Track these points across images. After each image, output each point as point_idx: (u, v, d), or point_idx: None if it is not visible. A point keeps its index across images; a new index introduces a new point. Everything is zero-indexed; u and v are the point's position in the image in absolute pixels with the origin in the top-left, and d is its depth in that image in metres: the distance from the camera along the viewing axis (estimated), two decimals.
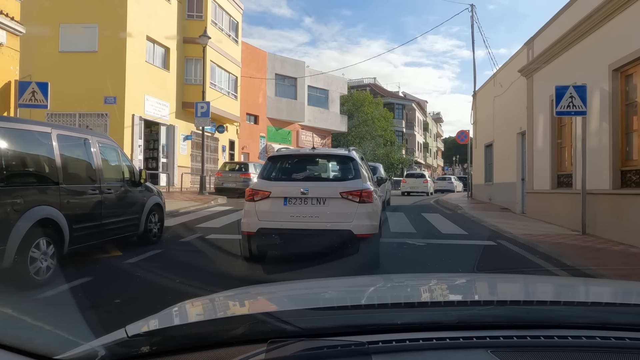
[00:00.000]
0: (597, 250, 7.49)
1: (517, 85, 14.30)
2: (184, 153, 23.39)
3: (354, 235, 5.67)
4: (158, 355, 1.07)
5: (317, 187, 5.96)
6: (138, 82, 19.43)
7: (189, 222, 10.66)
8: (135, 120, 19.26)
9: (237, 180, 19.30)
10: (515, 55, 14.81)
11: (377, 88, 55.95)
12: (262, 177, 6.25)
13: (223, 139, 27.90)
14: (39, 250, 4.94)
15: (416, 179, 28.89)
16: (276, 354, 0.99)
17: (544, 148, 11.98)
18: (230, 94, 27.05)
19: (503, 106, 16.13)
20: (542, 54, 11.92)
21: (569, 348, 1.05)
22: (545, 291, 1.85)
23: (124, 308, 4.34)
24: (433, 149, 76.34)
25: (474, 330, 1.12)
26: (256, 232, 5.85)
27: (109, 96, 18.61)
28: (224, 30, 26.05)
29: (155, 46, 21.20)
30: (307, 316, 1.25)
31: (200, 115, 17.86)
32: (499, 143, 16.95)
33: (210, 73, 24.17)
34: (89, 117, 18.79)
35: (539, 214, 12.22)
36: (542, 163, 12.12)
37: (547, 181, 11.74)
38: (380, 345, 1.03)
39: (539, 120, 12.35)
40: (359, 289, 1.88)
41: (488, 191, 18.55)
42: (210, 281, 5.04)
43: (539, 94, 12.35)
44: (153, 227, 7.80)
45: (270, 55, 33.28)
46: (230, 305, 1.63)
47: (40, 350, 1.10)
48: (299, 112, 34.80)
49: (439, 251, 7.68)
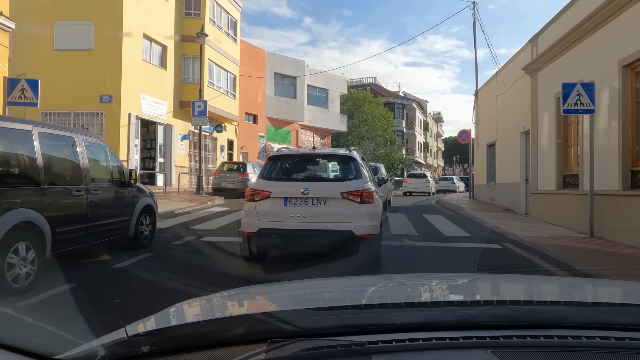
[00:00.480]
0: (608, 255, 7.18)
1: (521, 83, 13.99)
2: (181, 153, 23.08)
3: (354, 235, 5.59)
4: (158, 355, 1.07)
5: (318, 187, 5.87)
6: (134, 80, 19.12)
7: (184, 224, 10.36)
8: (131, 120, 18.96)
9: (235, 180, 18.99)
10: (518, 52, 14.50)
11: (377, 88, 55.62)
12: (262, 177, 6.18)
13: (221, 138, 27.60)
14: (17, 256, 4.63)
15: (418, 179, 29.07)
16: (276, 353, 0.99)
17: (549, 147, 11.67)
18: (229, 93, 26.74)
19: (506, 105, 15.82)
20: (547, 51, 11.60)
21: (568, 348, 1.04)
22: (545, 291, 1.84)
23: (110, 316, 4.03)
24: (433, 149, 76.04)
25: (473, 330, 1.11)
26: (256, 233, 5.78)
27: (104, 95, 18.31)
28: (223, 29, 25.74)
29: (153, 44, 20.90)
30: (307, 316, 1.24)
31: (198, 114, 17.54)
32: (502, 143, 16.64)
33: (209, 72, 23.88)
34: (84, 116, 18.49)
35: (543, 215, 11.91)
36: (547, 163, 11.81)
37: (552, 182, 11.43)
38: (380, 345, 1.03)
39: (544, 119, 12.04)
40: (359, 288, 1.88)
41: (490, 192, 18.23)
42: (203, 286, 4.73)
43: (544, 92, 12.04)
44: (144, 229, 7.49)
45: (269, 54, 32.97)
46: (230, 305, 1.62)
47: (40, 350, 1.09)
48: (298, 111, 34.48)
49: (442, 254, 7.36)
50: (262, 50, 32.60)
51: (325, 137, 38.96)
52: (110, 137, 18.20)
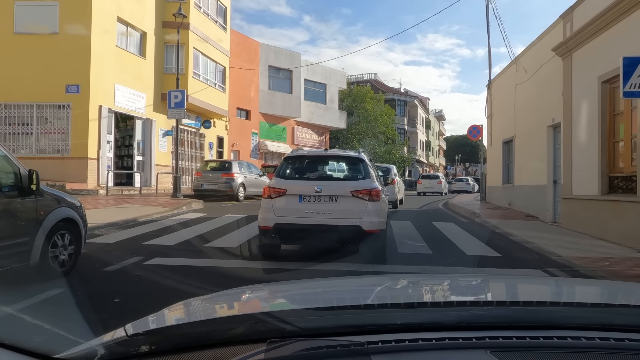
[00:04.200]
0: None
1: (548, 68, 11.91)
2: (163, 150, 20.97)
3: (363, 230, 6.03)
4: (157, 355, 1.06)
5: (330, 186, 6.35)
6: (107, 69, 17.02)
7: (136, 238, 8.28)
8: (102, 113, 16.86)
9: (219, 181, 16.87)
10: (545, 32, 12.36)
11: (378, 84, 53.43)
12: (278, 176, 6.61)
13: (210, 135, 25.51)
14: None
15: (431, 180, 31.89)
16: (275, 353, 0.99)
17: (589, 143, 9.58)
18: (218, 86, 24.61)
19: (528, 95, 13.70)
20: (587, 26, 9.50)
21: (568, 349, 1.04)
22: (545, 292, 1.81)
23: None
24: (435, 148, 73.95)
25: (473, 330, 1.10)
26: (273, 227, 6.20)
27: (71, 85, 16.24)
28: (210, 15, 23.59)
29: (129, 29, 18.79)
30: (307, 316, 1.24)
31: (175, 105, 15.44)
32: (522, 138, 14.50)
33: (194, 61, 21.78)
34: (48, 109, 16.40)
35: (580, 225, 9.83)
36: (585, 162, 9.71)
37: (593, 185, 9.34)
38: (380, 345, 1.03)
39: (582, 108, 9.94)
40: (359, 288, 1.89)
41: (507, 194, 16.09)
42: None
43: (581, 75, 9.95)
44: (59, 253, 5.39)
45: (263, 45, 30.84)
46: (230, 305, 1.61)
47: (40, 349, 1.09)
48: (294, 107, 32.37)
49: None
50: (255, 41, 30.49)
51: (324, 134, 36.85)
52: (77, 131, 16.17)
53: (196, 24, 21.70)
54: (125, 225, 9.84)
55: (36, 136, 16.37)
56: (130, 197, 15.57)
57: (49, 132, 16.37)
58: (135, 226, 9.78)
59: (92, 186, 16.23)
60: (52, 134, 16.36)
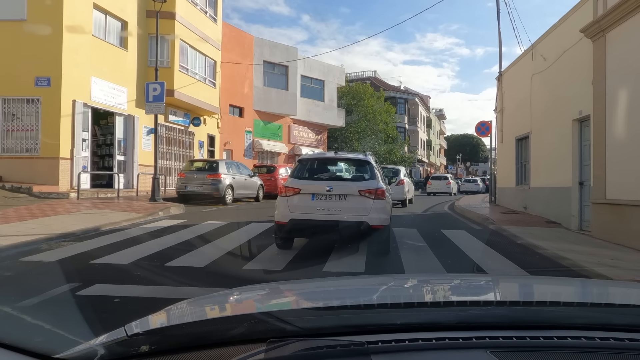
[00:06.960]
0: None
1: (574, 53, 10.43)
2: (147, 149, 19.45)
3: (369, 226, 6.62)
4: (157, 355, 1.05)
5: (339, 185, 6.91)
6: (81, 60, 15.53)
7: (87, 253, 6.79)
8: (77, 108, 15.36)
9: (205, 182, 15.36)
10: (570, 12, 10.85)
11: (377, 82, 51.85)
12: (293, 177, 7.26)
13: (201, 133, 24.03)
14: None
15: (441, 181, 33.14)
16: (275, 353, 0.98)
17: (629, 139, 8.11)
18: (208, 81, 23.11)
19: (548, 85, 12.22)
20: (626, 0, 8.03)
21: (568, 349, 1.03)
22: (545, 292, 1.79)
23: None
24: (436, 147, 72.45)
25: (473, 330, 1.10)
26: (288, 222, 6.78)
27: (41, 77, 14.76)
28: (199, 6, 22.08)
29: (108, 18, 17.30)
30: (307, 316, 1.24)
31: (153, 99, 13.94)
32: (540, 134, 13.00)
33: (180, 54, 20.30)
34: (15, 103, 14.90)
35: (616, 235, 8.37)
36: (624, 160, 8.24)
37: (636, 187, 7.87)
38: (380, 345, 1.02)
39: (618, 98, 8.47)
40: (359, 288, 1.87)
41: (521, 197, 14.59)
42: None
43: (618, 59, 8.48)
44: None
45: (257, 39, 29.35)
46: (230, 305, 1.59)
47: (40, 349, 1.08)
48: (290, 104, 30.89)
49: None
50: (249, 35, 29.00)
51: (321, 133, 35.36)
52: (48, 128, 14.69)
53: (183, 13, 20.23)
54: (83, 236, 8.36)
55: (2, 133, 14.89)
56: (105, 201, 14.06)
57: (16, 130, 14.89)
58: (94, 237, 8.30)
59: (65, 189, 14.74)
60: (20, 132, 14.89)
